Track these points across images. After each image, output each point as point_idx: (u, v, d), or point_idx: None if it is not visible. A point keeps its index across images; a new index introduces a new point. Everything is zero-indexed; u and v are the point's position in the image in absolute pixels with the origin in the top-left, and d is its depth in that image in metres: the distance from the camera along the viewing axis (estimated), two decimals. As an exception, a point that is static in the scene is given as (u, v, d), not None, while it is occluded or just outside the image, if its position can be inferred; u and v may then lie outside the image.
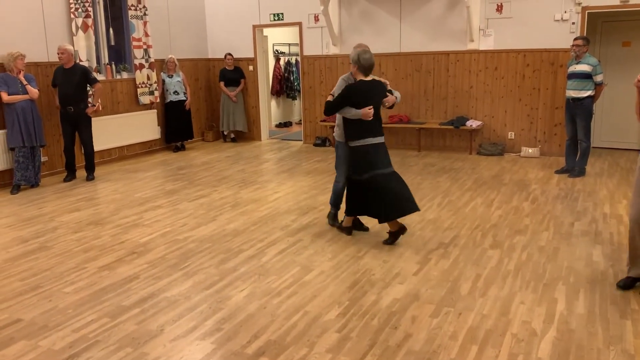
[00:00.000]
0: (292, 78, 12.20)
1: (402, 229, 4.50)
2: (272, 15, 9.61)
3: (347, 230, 4.79)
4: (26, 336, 3.14)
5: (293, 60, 12.27)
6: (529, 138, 8.21)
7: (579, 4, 7.54)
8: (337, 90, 4.54)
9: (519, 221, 5.08)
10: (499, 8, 8.02)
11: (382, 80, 4.64)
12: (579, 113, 6.62)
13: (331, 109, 4.43)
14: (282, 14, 9.52)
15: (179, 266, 4.17)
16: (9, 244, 4.73)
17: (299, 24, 9.41)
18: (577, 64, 6.56)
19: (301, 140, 9.94)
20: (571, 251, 4.31)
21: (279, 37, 11.94)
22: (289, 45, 12.31)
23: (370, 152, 4.41)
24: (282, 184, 6.76)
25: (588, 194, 5.98)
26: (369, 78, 4.42)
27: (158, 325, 3.24)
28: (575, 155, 6.85)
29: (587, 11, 7.57)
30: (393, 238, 4.52)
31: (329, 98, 4.48)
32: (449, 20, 8.37)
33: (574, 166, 6.84)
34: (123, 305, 3.52)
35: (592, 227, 4.87)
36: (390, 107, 4.67)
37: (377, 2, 8.77)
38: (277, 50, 12.09)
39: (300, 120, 11.89)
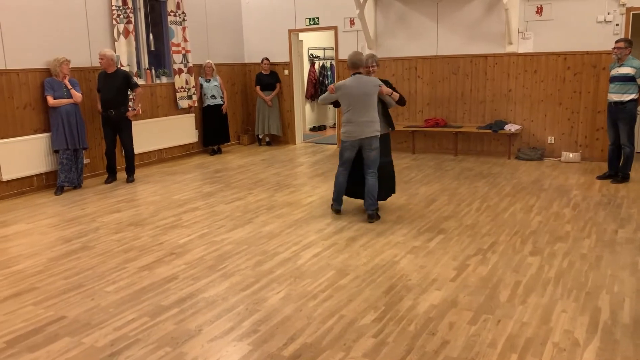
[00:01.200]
0: (326, 82, 12.23)
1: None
2: (307, 20, 9.67)
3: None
4: (70, 333, 3.24)
5: (328, 64, 12.30)
6: (569, 143, 8.01)
7: (623, 5, 7.33)
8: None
9: (559, 228, 4.96)
10: (539, 10, 7.86)
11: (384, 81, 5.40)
12: (622, 117, 6.42)
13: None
14: (317, 18, 9.57)
15: (217, 267, 4.22)
16: (53, 244, 4.89)
17: (335, 28, 9.44)
18: (619, 66, 6.37)
19: (335, 144, 9.95)
20: (615, 259, 4.17)
21: (314, 41, 12.00)
22: (324, 49, 12.36)
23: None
24: (317, 187, 6.78)
25: (632, 201, 5.78)
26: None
27: (196, 325, 3.29)
28: (619, 160, 6.64)
29: (631, 12, 7.34)
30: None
31: (396, 94, 5.33)
32: (486, 22, 8.26)
33: (617, 172, 6.63)
34: (162, 305, 3.58)
35: (637, 235, 4.71)
36: (394, 102, 5.39)
37: (413, 5, 8.72)
38: (312, 55, 12.15)
39: (334, 124, 11.92)
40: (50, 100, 6.64)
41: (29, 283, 4.01)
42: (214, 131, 9.35)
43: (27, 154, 6.66)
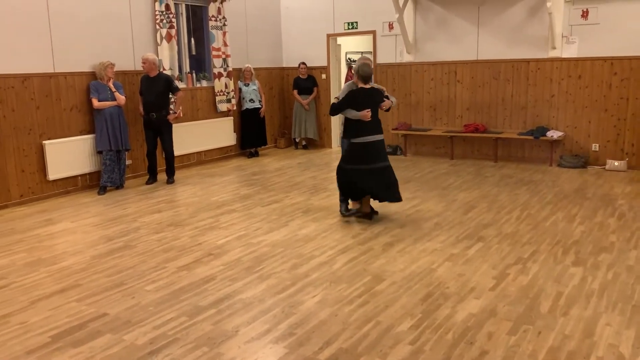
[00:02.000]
0: (364, 86, 12.19)
1: (370, 213, 5.51)
2: (346, 24, 9.68)
3: (368, 215, 5.52)
4: (111, 330, 3.32)
5: (366, 69, 12.25)
6: (615, 150, 7.75)
7: (675, 7, 7.06)
8: (341, 94, 5.42)
9: (604, 238, 4.80)
10: (585, 14, 7.65)
11: (380, 87, 5.57)
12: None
13: (335, 110, 5.34)
14: (356, 22, 9.57)
15: (253, 269, 4.26)
16: (96, 242, 5.03)
17: (373, 32, 9.42)
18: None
19: (372, 149, 9.89)
20: (664, 272, 4.01)
21: (351, 46, 12.00)
22: (362, 54, 12.33)
23: (366, 148, 5.30)
24: (354, 191, 6.75)
25: (683, 212, 5.56)
26: (368, 86, 5.33)
27: (233, 326, 3.33)
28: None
29: (684, 15, 7.07)
30: (361, 215, 5.51)
31: (334, 101, 5.28)
32: (529, 27, 8.09)
33: (667, 181, 6.38)
34: (200, 305, 3.64)
35: (687, 248, 4.52)
36: (387, 110, 5.64)
37: (454, 9, 8.62)
38: (349, 59, 12.15)
39: (372, 128, 11.87)
40: (95, 102, 6.84)
41: (73, 280, 4.13)
42: (252, 134, 9.45)
43: (72, 154, 6.88)
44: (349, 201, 5.62)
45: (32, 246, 4.95)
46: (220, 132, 9.17)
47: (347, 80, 12.07)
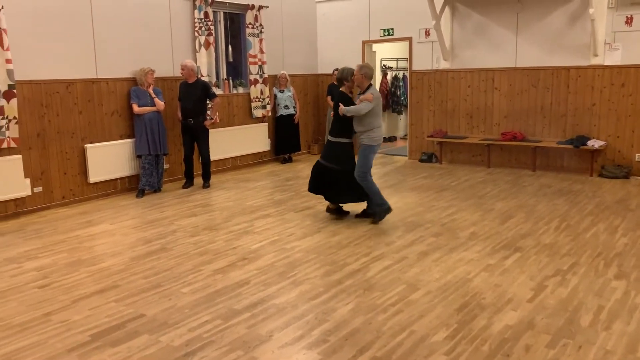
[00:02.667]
0: (398, 93, 12.16)
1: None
2: (382, 31, 9.67)
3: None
4: (149, 331, 3.38)
5: (400, 75, 12.22)
6: (660, 160, 7.49)
7: None
8: (342, 100, 5.60)
9: (648, 251, 4.64)
10: (629, 20, 7.44)
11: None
12: None
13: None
14: (392, 29, 9.55)
15: (287, 274, 4.28)
16: (134, 244, 5.14)
17: (409, 39, 9.38)
18: None
19: (406, 156, 9.84)
20: None
21: (387, 52, 11.97)
22: (397, 60, 12.30)
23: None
24: (387, 198, 6.67)
25: None
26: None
27: (267, 331, 3.35)
28: None
29: None
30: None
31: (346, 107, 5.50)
32: (570, 33, 7.91)
33: None
34: (235, 308, 3.67)
35: None
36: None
37: (492, 16, 8.51)
38: (384, 65, 12.13)
39: (406, 135, 11.79)
40: (135, 107, 7.01)
41: (112, 281, 4.23)
42: (286, 140, 9.52)
43: (112, 158, 7.06)
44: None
45: (73, 247, 5.10)
46: (255, 138, 9.27)
47: (381, 87, 12.05)
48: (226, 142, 8.66)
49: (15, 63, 5.99)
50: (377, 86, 11.87)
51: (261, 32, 9.08)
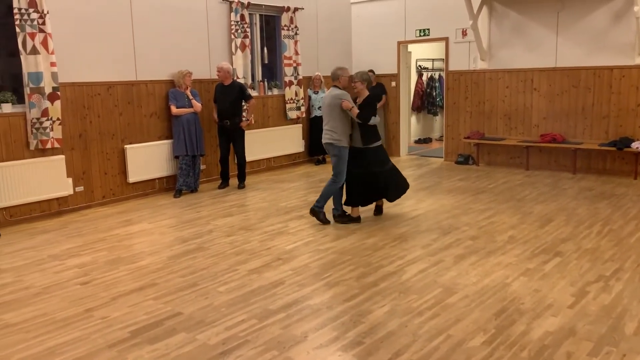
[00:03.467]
0: (434, 94, 12.03)
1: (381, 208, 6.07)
2: (417, 31, 9.58)
3: (358, 219, 5.77)
4: (186, 329, 3.43)
5: (436, 76, 12.09)
6: None
7: None
8: (350, 102, 5.53)
9: (697, 258, 4.45)
10: (677, 17, 7.16)
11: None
12: None
13: (368, 117, 5.58)
14: (428, 29, 9.45)
15: (321, 275, 4.28)
16: (172, 243, 5.24)
17: (445, 39, 9.27)
18: None
19: (442, 157, 9.72)
20: None
21: (422, 53, 11.86)
22: (433, 61, 12.17)
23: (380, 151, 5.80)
24: (422, 201, 6.66)
25: None
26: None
27: (302, 331, 3.35)
28: None
29: None
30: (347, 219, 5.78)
31: (355, 110, 5.50)
32: (613, 32, 7.67)
33: None
34: (270, 308, 3.69)
35: None
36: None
37: (531, 15, 8.33)
38: (420, 66, 12.02)
39: (441, 136, 11.66)
40: (174, 109, 7.14)
41: (150, 279, 4.31)
42: (320, 141, 9.48)
43: (150, 158, 7.21)
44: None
45: (113, 245, 5.22)
46: (289, 139, 9.31)
47: (416, 88, 11.95)
48: (261, 143, 8.73)
49: (59, 66, 6.19)
50: (412, 87, 11.79)
51: (296, 34, 9.12)
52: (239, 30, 8.23)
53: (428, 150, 10.99)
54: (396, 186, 5.81)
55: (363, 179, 5.64)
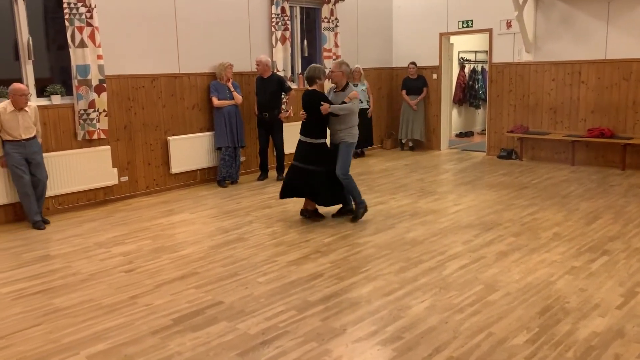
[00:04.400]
0: (476, 86, 11.78)
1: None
2: (460, 23, 9.39)
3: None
4: (227, 318, 3.49)
5: (479, 68, 11.84)
6: None
7: None
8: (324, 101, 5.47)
9: None
10: None
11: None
12: None
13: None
14: (471, 20, 9.25)
15: (360, 269, 4.27)
16: (213, 233, 5.32)
17: (489, 31, 9.05)
18: None
19: (484, 152, 9.53)
20: None
21: (465, 45, 11.63)
22: (475, 53, 11.92)
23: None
24: (463, 196, 6.55)
25: None
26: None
27: (341, 324, 3.35)
28: None
29: None
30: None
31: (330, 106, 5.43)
32: (669, 22, 7.33)
33: None
34: (309, 300, 3.71)
35: None
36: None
37: (580, 5, 8.04)
38: (462, 58, 11.79)
39: (483, 130, 11.44)
40: (215, 101, 7.23)
41: (191, 268, 4.40)
42: (359, 135, 9.44)
43: (193, 150, 7.33)
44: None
45: (156, 234, 5.34)
46: (328, 132, 9.26)
47: (458, 80, 11.73)
48: (299, 135, 8.72)
49: (105, 59, 6.35)
50: (454, 79, 11.58)
51: (336, 26, 9.08)
52: (280, 23, 8.25)
53: (469, 144, 10.80)
54: (332, 193, 5.60)
55: (291, 171, 5.61)
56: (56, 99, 6.17)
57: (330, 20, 9.02)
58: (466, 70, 11.83)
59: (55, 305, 3.75)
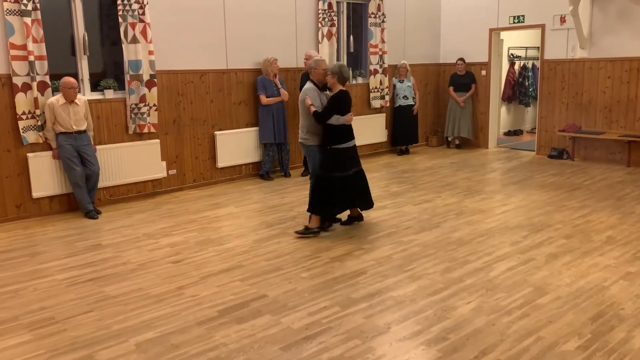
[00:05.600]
0: (527, 83, 11.45)
1: (359, 217, 5.42)
2: (511, 18, 9.14)
3: (318, 231, 5.08)
4: (271, 311, 3.51)
5: (529, 65, 11.50)
6: None
7: None
8: (314, 100, 5.03)
9: None
10: None
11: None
12: None
13: (324, 118, 4.95)
14: (523, 16, 8.99)
15: (404, 268, 4.22)
16: (257, 227, 5.38)
17: (542, 26, 8.77)
18: None
19: (533, 151, 9.25)
20: None
21: (515, 41, 11.31)
22: (526, 49, 11.58)
23: (348, 153, 5.10)
24: (512, 196, 6.38)
25: None
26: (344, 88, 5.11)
27: (385, 322, 3.33)
28: None
29: None
30: (349, 221, 5.37)
31: (312, 109, 4.97)
32: None
33: None
34: (352, 297, 3.70)
35: None
36: None
37: (640, -1, 7.68)
38: (512, 54, 11.48)
39: (533, 128, 11.11)
40: (264, 99, 7.29)
41: (236, 261, 4.46)
42: (404, 131, 9.38)
43: (238, 145, 7.42)
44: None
45: (203, 226, 5.44)
46: (372, 129, 9.24)
47: (508, 77, 11.43)
48: (344, 132, 8.70)
49: (156, 54, 6.50)
50: (504, 76, 11.29)
51: (383, 21, 9.00)
52: (326, 19, 8.24)
53: (518, 142, 10.51)
54: (365, 196, 5.28)
55: (329, 182, 5.01)
56: (109, 93, 6.36)
57: (377, 16, 8.94)
58: (516, 66, 11.51)
59: (106, 293, 3.87)
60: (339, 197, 5.06)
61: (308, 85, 5.19)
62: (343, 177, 5.04)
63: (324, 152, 5.05)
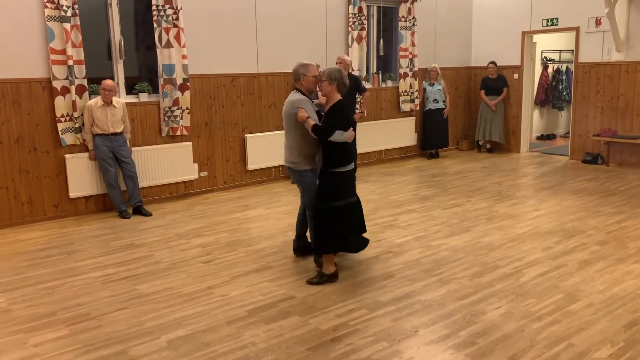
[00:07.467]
0: (560, 87, 11.24)
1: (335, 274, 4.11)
2: (544, 21, 9.00)
3: (335, 274, 4.07)
4: (299, 312, 3.55)
5: (563, 68, 11.29)
6: None
7: None
8: (311, 113, 4.12)
9: None
10: None
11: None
12: None
13: (328, 133, 3.94)
14: (556, 18, 8.84)
15: (433, 272, 4.21)
16: (286, 229, 5.43)
17: (576, 29, 8.61)
18: None
19: (567, 156, 9.08)
20: None
21: (548, 44, 11.13)
22: (560, 52, 11.37)
23: (352, 177, 4.16)
24: (544, 201, 6.28)
25: None
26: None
27: (412, 326, 3.33)
28: None
29: None
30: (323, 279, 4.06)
31: (311, 122, 4.01)
32: None
33: None
34: (380, 300, 3.71)
35: None
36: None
37: (680, 0, 7.47)
38: (545, 57, 11.29)
39: (567, 133, 10.89)
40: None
41: (266, 262, 4.51)
42: (433, 135, 9.32)
43: (268, 148, 7.50)
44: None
45: (233, 228, 5.53)
46: (402, 132, 9.21)
47: (540, 81, 11.25)
48: (372, 135, 8.72)
49: (189, 58, 6.64)
50: (536, 79, 11.11)
51: (414, 25, 8.97)
52: (356, 23, 8.27)
53: (551, 147, 10.32)
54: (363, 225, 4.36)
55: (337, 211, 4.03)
56: (143, 97, 6.53)
57: (408, 20, 8.92)
58: (549, 70, 11.31)
59: (139, 291, 3.97)
60: (349, 224, 4.12)
61: (296, 95, 4.21)
62: (349, 205, 4.10)
63: (323, 178, 4.08)
